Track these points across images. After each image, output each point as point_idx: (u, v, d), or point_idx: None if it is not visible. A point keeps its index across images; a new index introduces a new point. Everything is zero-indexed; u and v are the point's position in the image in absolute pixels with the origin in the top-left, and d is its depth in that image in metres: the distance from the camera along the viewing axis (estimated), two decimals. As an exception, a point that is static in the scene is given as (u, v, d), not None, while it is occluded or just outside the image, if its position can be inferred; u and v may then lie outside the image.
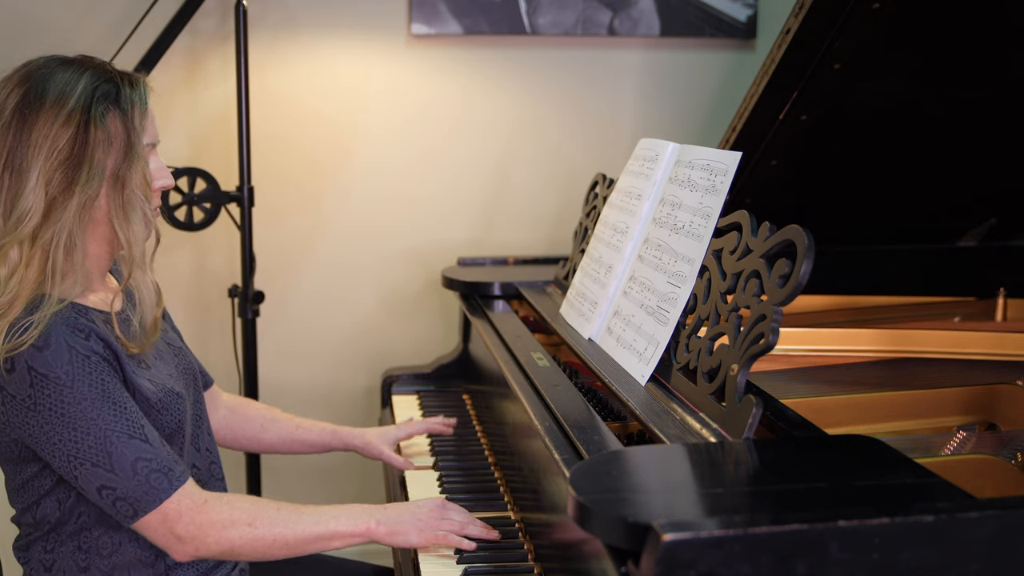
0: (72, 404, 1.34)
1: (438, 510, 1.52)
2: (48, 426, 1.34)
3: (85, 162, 1.37)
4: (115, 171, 1.41)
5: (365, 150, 2.73)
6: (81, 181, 1.37)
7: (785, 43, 1.82)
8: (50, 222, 1.37)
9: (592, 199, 2.11)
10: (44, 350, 1.33)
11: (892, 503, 1.01)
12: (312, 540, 1.44)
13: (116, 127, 1.40)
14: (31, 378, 1.33)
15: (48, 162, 1.36)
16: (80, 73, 1.41)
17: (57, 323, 1.35)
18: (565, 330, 1.83)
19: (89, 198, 1.39)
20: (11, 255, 1.37)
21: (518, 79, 2.75)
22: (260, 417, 1.87)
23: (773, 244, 1.31)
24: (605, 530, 1.03)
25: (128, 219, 1.42)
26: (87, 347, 1.36)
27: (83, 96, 1.38)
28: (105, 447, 1.35)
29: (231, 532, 1.40)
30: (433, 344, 2.77)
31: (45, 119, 1.37)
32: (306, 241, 2.75)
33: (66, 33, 2.51)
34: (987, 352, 1.94)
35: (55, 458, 1.37)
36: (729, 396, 1.29)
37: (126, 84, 1.43)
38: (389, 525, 1.47)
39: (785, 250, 1.28)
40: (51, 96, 1.37)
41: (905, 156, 2.15)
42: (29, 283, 1.37)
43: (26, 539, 1.50)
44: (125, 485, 1.36)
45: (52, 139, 1.36)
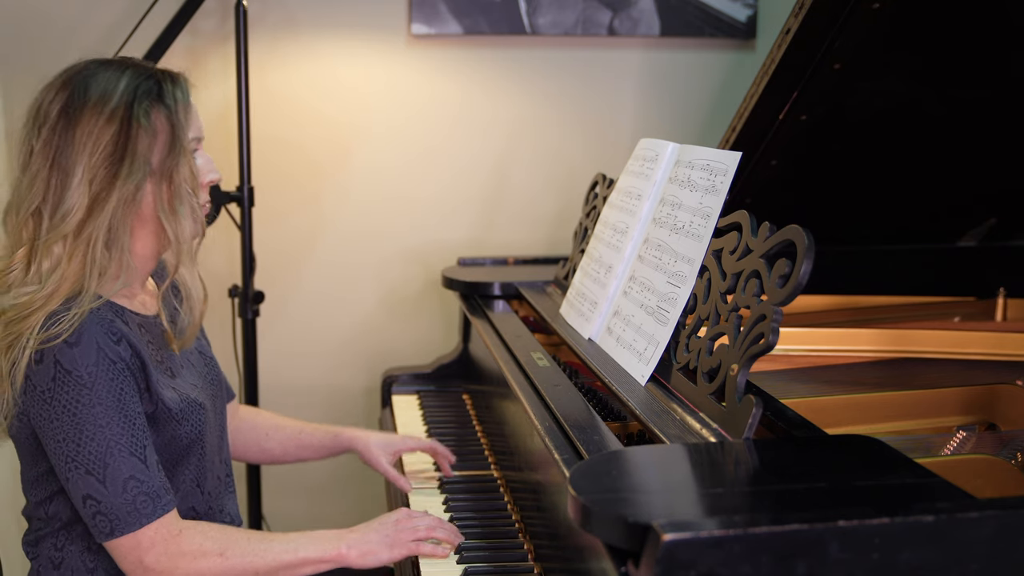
0: (86, 406, 1.35)
1: (404, 521, 1.52)
2: (57, 422, 1.35)
3: (127, 157, 1.39)
4: (161, 166, 1.42)
5: (365, 150, 2.73)
6: (123, 175, 1.39)
7: (785, 43, 1.82)
8: (93, 217, 1.39)
9: (592, 199, 2.11)
10: (74, 347, 1.35)
11: (892, 503, 1.01)
12: (282, 568, 1.43)
13: (161, 122, 1.42)
14: (55, 372, 1.34)
15: (92, 159, 1.38)
16: (121, 72, 1.43)
17: (92, 323, 1.37)
18: (565, 330, 1.83)
19: (131, 193, 1.40)
20: (54, 250, 1.39)
21: (518, 79, 2.75)
22: (265, 425, 1.87)
23: (773, 244, 1.31)
24: (605, 530, 1.03)
25: (175, 213, 1.44)
26: (116, 352, 1.37)
27: (125, 94, 1.41)
28: (104, 457, 1.35)
29: (202, 563, 1.40)
30: (433, 344, 2.77)
31: (88, 118, 1.39)
32: (306, 241, 2.75)
33: (66, 33, 2.51)
34: (987, 352, 1.94)
35: (54, 455, 1.37)
36: (729, 396, 1.29)
37: (168, 80, 1.46)
38: (359, 547, 1.47)
39: (785, 250, 1.28)
40: (94, 96, 1.40)
41: (905, 156, 2.15)
42: (70, 277, 1.38)
43: (36, 534, 1.51)
44: (111, 501, 1.36)
45: (95, 137, 1.38)
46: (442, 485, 1.82)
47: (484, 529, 1.62)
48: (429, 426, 2.13)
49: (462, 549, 1.54)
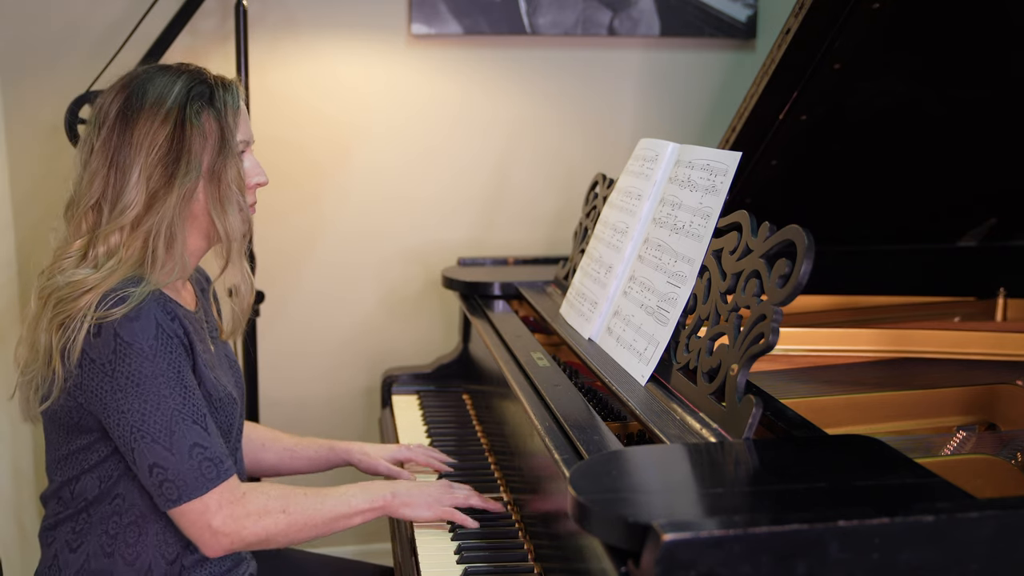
0: (149, 377, 1.40)
1: (445, 487, 1.63)
2: (121, 393, 1.40)
3: (183, 157, 1.47)
4: (211, 166, 1.50)
5: (365, 150, 2.73)
6: (180, 175, 1.46)
7: (785, 43, 1.82)
8: (151, 213, 1.46)
9: (592, 199, 2.11)
10: (134, 321, 1.40)
11: (892, 503, 1.01)
12: (337, 519, 1.52)
13: (210, 125, 1.50)
14: (116, 344, 1.39)
15: (148, 159, 1.46)
16: (176, 77, 1.51)
17: (150, 299, 1.42)
18: (565, 330, 1.83)
19: (188, 191, 1.47)
20: (112, 239, 1.47)
21: (518, 79, 2.75)
22: (261, 438, 1.89)
23: (773, 244, 1.31)
24: (605, 530, 1.03)
25: (225, 211, 1.51)
26: (172, 328, 1.44)
27: (179, 97, 1.48)
28: (169, 426, 1.40)
29: (267, 520, 1.46)
30: (433, 344, 2.77)
31: (145, 120, 1.46)
32: (306, 241, 2.75)
33: (67, 33, 2.51)
34: (987, 352, 1.94)
35: (119, 426, 1.41)
36: (729, 396, 1.29)
37: (219, 86, 1.53)
38: (402, 497, 1.57)
39: (785, 250, 1.28)
40: (150, 99, 1.47)
41: (905, 156, 2.15)
42: (127, 263, 1.45)
43: (55, 518, 1.54)
44: (178, 467, 1.40)
45: (151, 137, 1.46)
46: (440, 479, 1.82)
47: (484, 529, 1.62)
48: (429, 426, 2.13)
49: (462, 549, 1.54)
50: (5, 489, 2.47)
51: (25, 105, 2.52)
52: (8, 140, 2.53)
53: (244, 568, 1.60)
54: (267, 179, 1.63)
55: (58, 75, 2.49)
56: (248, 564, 1.62)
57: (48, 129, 2.51)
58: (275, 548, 1.52)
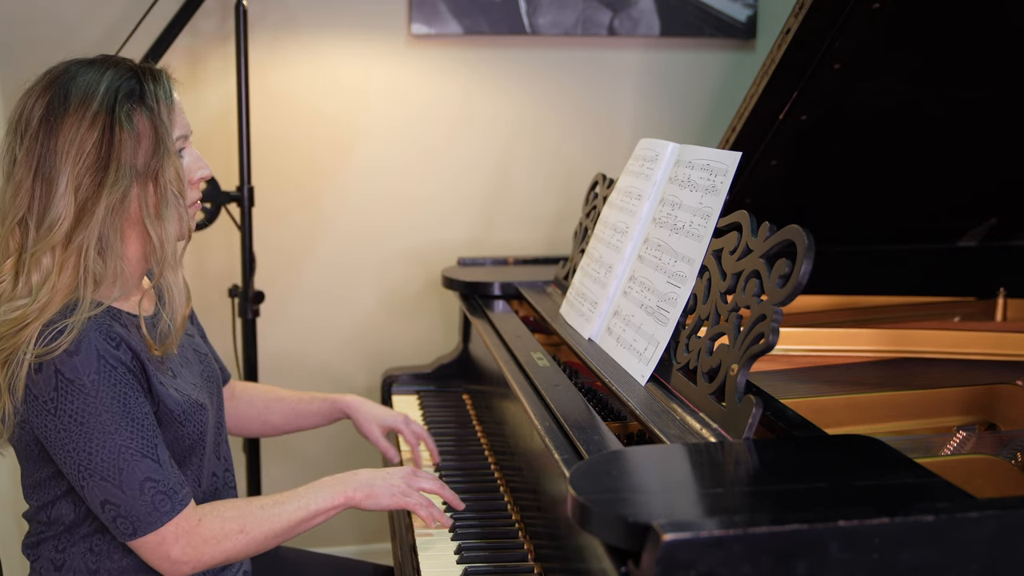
0: (92, 415, 1.34)
1: (410, 477, 1.58)
2: (65, 432, 1.35)
3: (112, 163, 1.36)
4: (145, 168, 1.39)
5: (365, 150, 2.73)
6: (108, 183, 1.36)
7: (785, 43, 1.82)
8: (81, 226, 1.36)
9: (592, 199, 2.11)
10: (74, 355, 1.33)
11: (892, 503, 1.01)
12: (297, 524, 1.49)
13: (143, 125, 1.39)
14: (56, 381, 1.33)
15: (76, 167, 1.35)
16: (101, 73, 1.39)
17: (91, 329, 1.35)
18: (565, 330, 1.83)
19: (118, 199, 1.37)
20: (43, 262, 1.37)
21: (518, 79, 2.75)
22: (265, 398, 1.89)
23: (773, 244, 1.31)
24: (605, 530, 1.03)
25: (160, 217, 1.41)
26: (116, 357, 1.36)
27: (106, 97, 1.37)
28: (117, 463, 1.35)
29: (225, 544, 1.43)
30: (433, 344, 2.77)
31: (70, 124, 1.36)
32: (306, 241, 2.75)
33: (66, 33, 2.51)
34: (987, 352, 1.94)
35: (66, 465, 1.37)
36: (729, 396, 1.29)
37: (149, 79, 1.42)
38: (364, 491, 1.53)
39: (785, 250, 1.28)
40: (74, 100, 1.37)
41: (905, 156, 2.15)
42: (62, 289, 1.36)
43: (37, 537, 1.51)
44: (130, 504, 1.36)
45: (78, 144, 1.35)
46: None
47: (484, 529, 1.62)
48: (429, 426, 2.13)
49: (462, 549, 1.54)
50: (5, 492, 2.47)
51: (25, 105, 2.51)
52: (8, 140, 2.53)
53: (237, 567, 1.59)
54: (210, 171, 1.53)
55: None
56: (242, 562, 1.61)
57: (48, 129, 2.51)
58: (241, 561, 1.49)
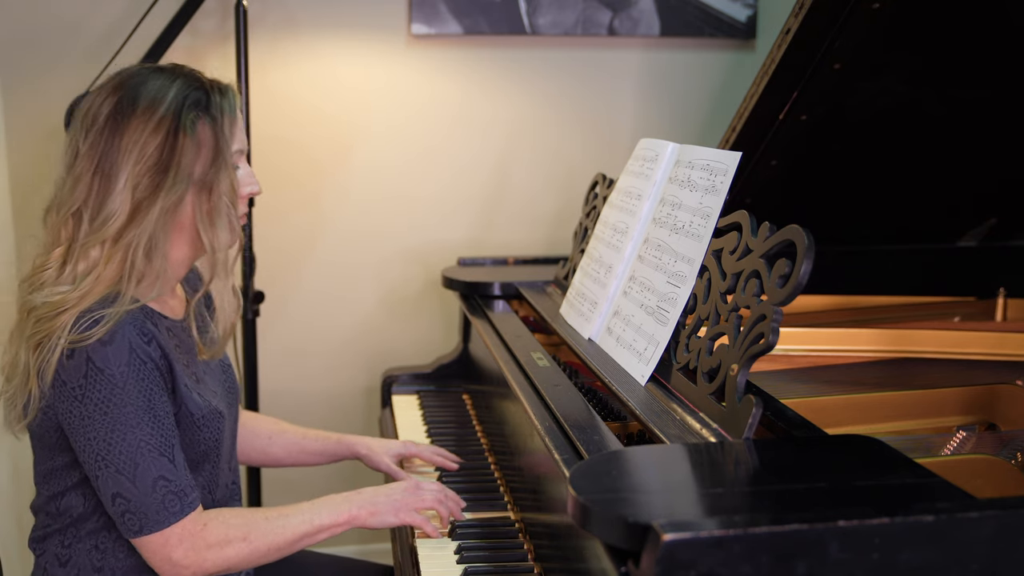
0: (117, 406, 1.36)
1: (412, 489, 1.58)
2: (88, 420, 1.36)
3: (172, 168, 1.40)
4: (202, 177, 1.43)
5: (365, 150, 2.73)
6: (167, 186, 1.40)
7: (785, 43, 1.82)
8: (133, 224, 1.40)
9: (592, 199, 2.11)
10: (107, 345, 1.35)
11: (892, 503, 1.01)
12: (301, 539, 1.48)
13: (205, 134, 1.43)
14: (87, 369, 1.35)
15: (137, 167, 1.39)
16: (171, 81, 1.44)
17: (126, 322, 1.37)
18: (565, 330, 1.83)
19: (173, 203, 1.41)
20: (91, 253, 1.41)
21: (518, 79, 2.75)
22: (268, 430, 1.87)
23: (773, 244, 1.31)
24: (605, 530, 1.03)
25: (213, 225, 1.45)
26: (147, 353, 1.39)
27: (174, 103, 1.41)
28: (134, 457, 1.37)
29: (228, 550, 1.43)
30: (433, 344, 2.77)
31: (136, 125, 1.40)
32: (306, 241, 2.75)
33: (66, 33, 2.51)
34: (987, 352, 1.94)
35: (84, 452, 1.38)
36: (729, 396, 1.29)
37: (216, 92, 1.47)
38: (368, 508, 1.53)
39: (785, 250, 1.28)
40: (143, 103, 1.40)
41: (905, 156, 2.15)
42: (105, 281, 1.39)
43: (43, 530, 1.52)
44: (140, 499, 1.37)
45: (141, 145, 1.39)
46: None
47: (484, 529, 1.62)
48: (429, 426, 2.13)
49: (462, 549, 1.54)
50: (5, 490, 2.47)
51: (25, 105, 2.52)
52: (8, 140, 2.53)
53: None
54: (260, 188, 1.57)
55: (58, 75, 2.49)
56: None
57: (48, 129, 2.51)
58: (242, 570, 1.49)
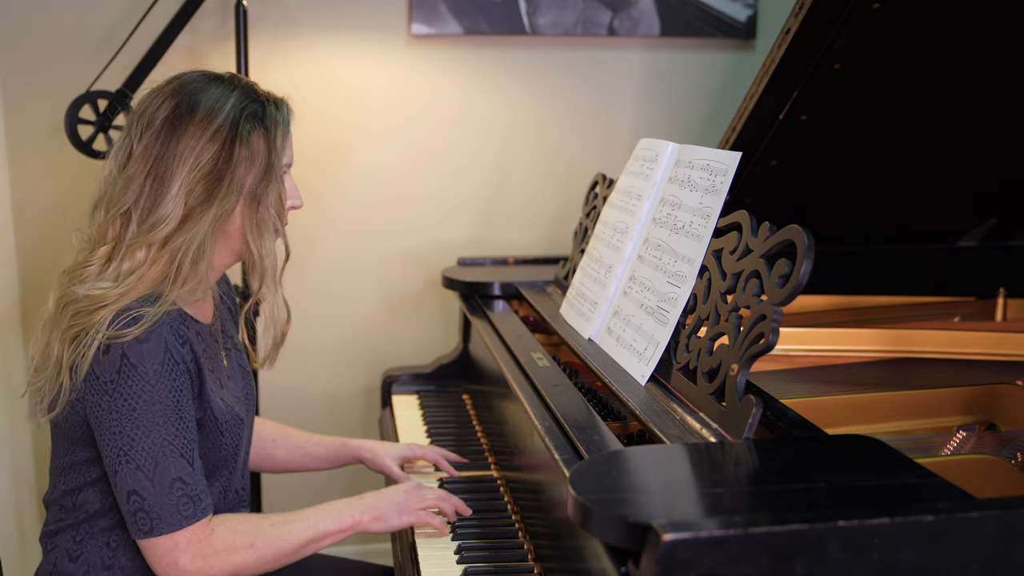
0: (147, 403, 1.37)
1: (414, 491, 1.59)
2: (116, 414, 1.37)
3: (227, 177, 1.42)
4: (253, 189, 1.45)
5: (365, 150, 2.73)
6: (220, 195, 1.41)
7: (785, 43, 1.82)
8: (183, 230, 1.41)
9: (592, 199, 2.11)
10: (144, 344, 1.36)
11: (892, 503, 1.01)
12: (306, 545, 1.49)
13: (259, 146, 1.45)
14: (121, 364, 1.36)
15: (192, 173, 1.40)
16: (230, 91, 1.45)
17: (164, 323, 1.39)
18: (565, 330, 1.83)
19: (226, 212, 1.43)
20: (137, 255, 1.42)
21: (518, 79, 2.75)
22: (272, 435, 1.88)
23: (773, 244, 1.31)
24: (605, 530, 1.03)
25: (262, 235, 1.48)
26: (180, 355, 1.40)
27: (232, 113, 1.43)
28: (155, 455, 1.37)
29: (235, 557, 1.43)
30: (433, 344, 2.77)
31: (193, 132, 1.41)
32: (306, 241, 2.75)
33: (67, 33, 2.51)
34: (987, 352, 1.94)
35: (107, 446, 1.39)
36: (729, 396, 1.29)
37: (271, 105, 1.49)
38: (371, 513, 1.54)
39: (785, 250, 1.28)
40: (201, 110, 1.42)
41: (905, 156, 2.15)
42: (148, 281, 1.40)
43: (56, 524, 1.52)
44: (156, 499, 1.38)
45: (198, 152, 1.41)
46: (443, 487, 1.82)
47: (484, 529, 1.62)
48: (429, 426, 2.13)
49: (462, 549, 1.54)
50: (5, 489, 2.47)
51: (25, 105, 2.52)
52: (8, 140, 2.53)
53: None
54: (302, 202, 1.59)
55: (58, 75, 2.49)
56: None
57: (48, 129, 2.51)
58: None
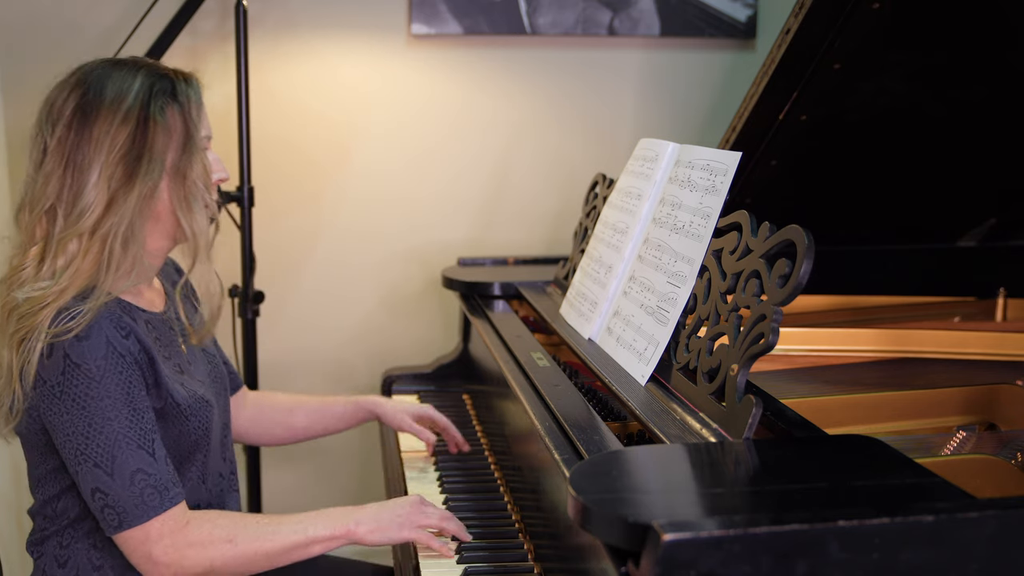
0: (95, 399, 1.36)
1: (417, 506, 1.53)
2: (67, 415, 1.36)
3: (145, 155, 1.41)
4: (175, 163, 1.44)
5: (365, 150, 2.73)
6: (141, 173, 1.40)
7: (785, 43, 1.82)
8: (110, 215, 1.40)
9: (592, 199, 2.11)
10: (83, 340, 1.35)
11: (892, 503, 1.01)
12: (291, 549, 1.45)
13: (175, 120, 1.44)
14: (64, 365, 1.35)
15: (109, 157, 1.40)
16: (135, 72, 1.44)
17: (102, 317, 1.38)
18: (565, 330, 1.83)
19: (149, 190, 1.41)
20: (69, 247, 1.40)
21: (518, 79, 2.75)
22: (287, 404, 1.89)
23: (773, 244, 1.31)
24: (605, 530, 1.03)
25: (191, 209, 1.46)
26: (125, 346, 1.39)
27: (140, 93, 1.42)
28: (111, 450, 1.36)
29: (211, 551, 1.41)
30: (433, 344, 2.77)
31: (105, 117, 1.40)
32: (306, 241, 2.75)
33: (66, 33, 2.51)
34: (987, 352, 1.94)
35: (64, 448, 1.38)
36: (729, 396, 1.29)
37: (181, 80, 1.47)
38: (368, 524, 1.48)
39: (785, 250, 1.28)
40: (109, 95, 1.41)
41: (905, 156, 2.15)
42: (83, 273, 1.39)
43: (41, 533, 1.51)
44: (119, 493, 1.36)
45: (112, 136, 1.40)
46: (442, 486, 1.82)
47: (484, 529, 1.62)
48: (429, 426, 2.13)
49: (462, 549, 1.54)
50: (5, 492, 2.47)
51: (25, 105, 2.52)
52: (8, 140, 2.53)
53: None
54: (227, 174, 1.57)
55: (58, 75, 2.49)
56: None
57: (48, 129, 2.51)
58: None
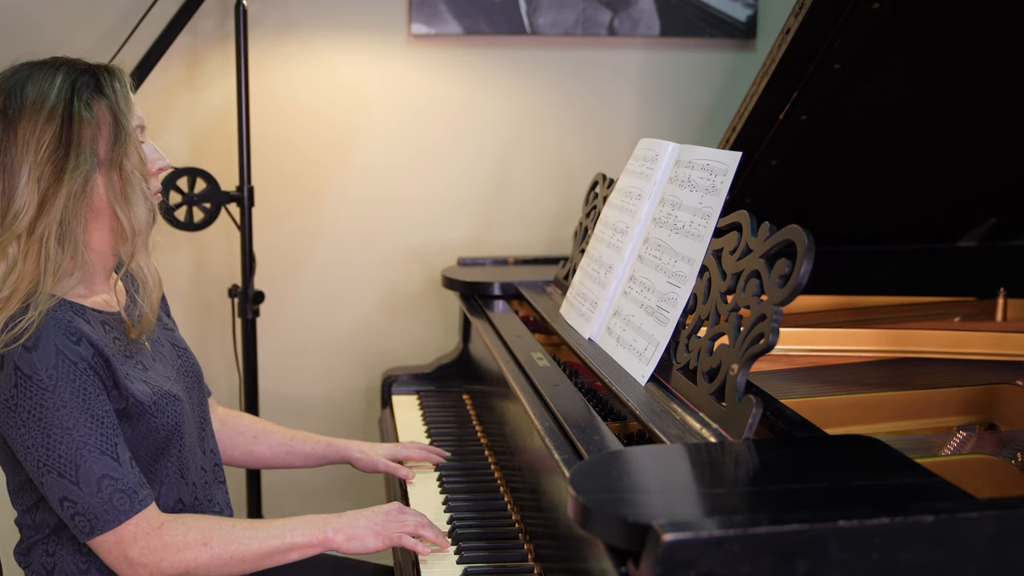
0: (51, 410, 1.34)
1: (395, 513, 1.53)
2: (24, 428, 1.35)
3: (72, 151, 1.39)
4: (109, 155, 1.43)
5: (365, 150, 2.73)
6: (69, 169, 1.39)
7: (785, 43, 1.82)
8: (44, 214, 1.39)
9: (592, 199, 2.11)
10: (32, 351, 1.34)
11: (892, 503, 1.01)
12: (268, 554, 1.44)
13: (102, 113, 1.43)
14: (16, 378, 1.34)
15: (37, 157, 1.38)
16: (55, 71, 1.43)
17: (49, 324, 1.36)
18: (565, 330, 1.83)
19: (79, 186, 1.40)
20: (9, 252, 1.39)
21: (518, 79, 2.75)
22: (252, 429, 1.85)
23: (773, 244, 1.31)
24: (605, 530, 1.03)
25: (129, 201, 1.44)
26: (76, 352, 1.37)
27: (63, 91, 1.41)
28: (74, 459, 1.35)
29: (186, 554, 1.40)
30: (433, 344, 2.77)
31: (28, 118, 1.39)
32: (306, 241, 2.75)
33: (65, 33, 2.50)
34: (987, 352, 1.94)
35: (26, 461, 1.37)
36: (729, 396, 1.29)
37: (104, 73, 1.46)
38: (346, 531, 1.48)
39: (785, 250, 1.28)
40: (31, 96, 1.40)
41: (905, 156, 2.15)
42: (26, 277, 1.38)
43: (27, 543, 1.51)
44: (87, 501, 1.36)
45: (38, 136, 1.39)
46: (442, 486, 1.82)
47: (484, 529, 1.62)
48: (429, 426, 2.13)
49: (462, 549, 1.54)
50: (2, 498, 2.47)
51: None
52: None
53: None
54: (168, 162, 1.55)
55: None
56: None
57: (48, 129, 2.51)
58: None
